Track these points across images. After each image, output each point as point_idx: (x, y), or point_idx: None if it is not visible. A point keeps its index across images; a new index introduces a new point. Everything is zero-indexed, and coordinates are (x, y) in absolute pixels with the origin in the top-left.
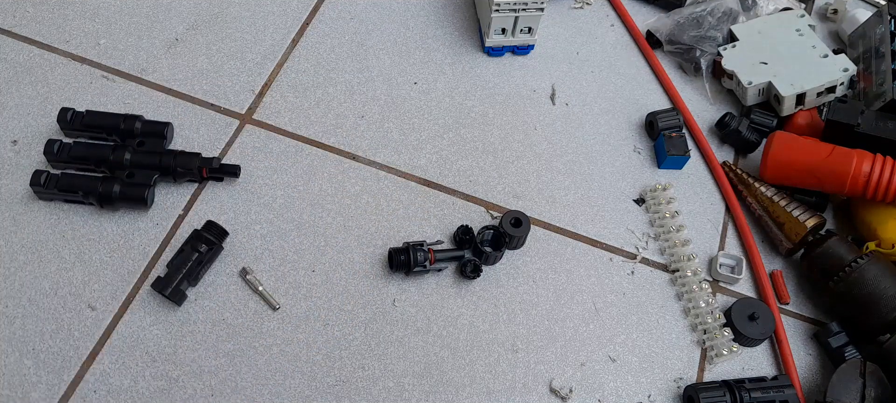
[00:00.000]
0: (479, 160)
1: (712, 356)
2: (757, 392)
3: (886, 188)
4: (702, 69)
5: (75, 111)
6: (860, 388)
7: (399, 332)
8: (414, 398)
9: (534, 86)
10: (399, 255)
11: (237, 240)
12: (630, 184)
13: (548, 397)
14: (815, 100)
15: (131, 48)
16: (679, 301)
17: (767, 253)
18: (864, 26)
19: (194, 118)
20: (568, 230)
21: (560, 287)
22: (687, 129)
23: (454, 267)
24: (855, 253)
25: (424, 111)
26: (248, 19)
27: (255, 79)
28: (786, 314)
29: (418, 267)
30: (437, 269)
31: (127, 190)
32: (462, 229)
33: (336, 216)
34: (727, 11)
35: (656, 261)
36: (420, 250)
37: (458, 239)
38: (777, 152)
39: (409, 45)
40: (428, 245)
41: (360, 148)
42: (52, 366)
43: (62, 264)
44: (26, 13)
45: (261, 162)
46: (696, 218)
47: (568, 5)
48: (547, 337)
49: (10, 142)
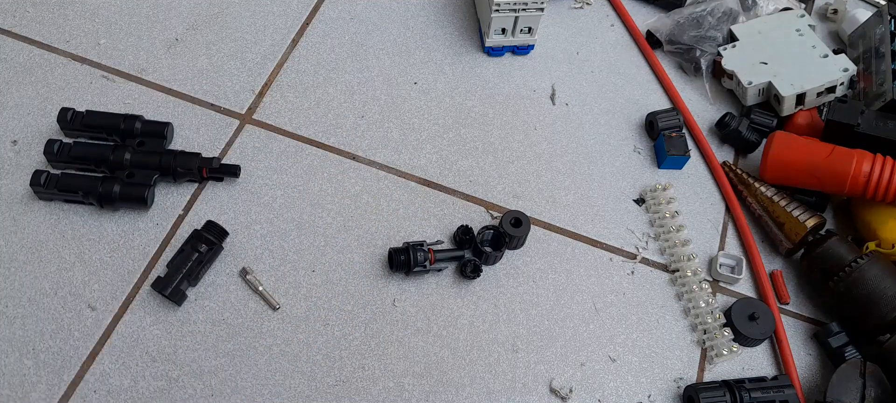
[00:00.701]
0: (479, 160)
1: (712, 356)
2: (757, 392)
3: (886, 188)
4: (702, 69)
5: (75, 111)
6: (860, 388)
7: (399, 332)
8: (414, 398)
9: (534, 86)
10: (399, 255)
11: (237, 240)
12: (630, 184)
13: (548, 397)
14: (815, 100)
15: (131, 48)
16: (679, 301)
17: (767, 253)
18: (864, 26)
19: (194, 118)
20: (568, 230)
21: (560, 287)
22: (687, 129)
23: (454, 267)
24: (855, 253)
25: (424, 111)
26: (248, 19)
27: (255, 79)
28: (786, 314)
29: (418, 267)
30: (437, 269)
31: (127, 190)
32: (462, 229)
33: (336, 216)
34: (727, 11)
35: (656, 261)
36: (420, 250)
37: (458, 239)
38: (777, 152)
39: (409, 45)
40: (428, 245)
41: (360, 148)
42: (52, 366)
43: (62, 264)
44: (26, 13)
45: (261, 162)
46: (696, 218)
47: (568, 5)
48: (547, 337)
49: (10, 142)
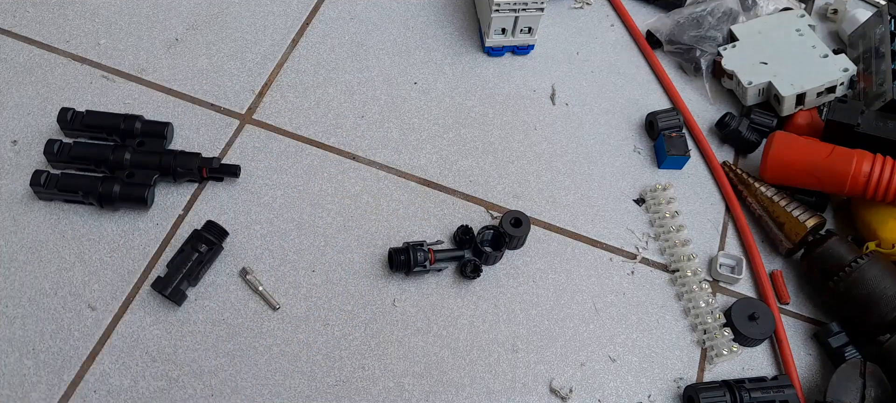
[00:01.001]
0: (479, 160)
1: (712, 356)
2: (757, 392)
3: (886, 188)
4: (702, 69)
5: (75, 111)
6: (860, 388)
7: (399, 332)
8: (414, 398)
9: (534, 86)
10: (399, 255)
11: (237, 240)
12: (630, 184)
13: (548, 397)
14: (815, 100)
15: (131, 48)
16: (679, 301)
17: (767, 253)
18: (864, 26)
19: (194, 118)
20: (568, 230)
21: (560, 287)
22: (687, 129)
23: (454, 267)
24: (855, 253)
25: (424, 111)
26: (248, 19)
27: (255, 79)
28: (786, 314)
29: (418, 267)
30: (437, 269)
31: (127, 190)
32: (462, 229)
33: (336, 216)
34: (727, 11)
35: (656, 261)
36: (420, 250)
37: (458, 239)
38: (777, 152)
39: (409, 45)
40: (428, 245)
41: (360, 148)
42: (52, 366)
43: (62, 264)
44: (26, 13)
45: (261, 162)
46: (696, 218)
47: (568, 5)
48: (547, 337)
49: (10, 142)
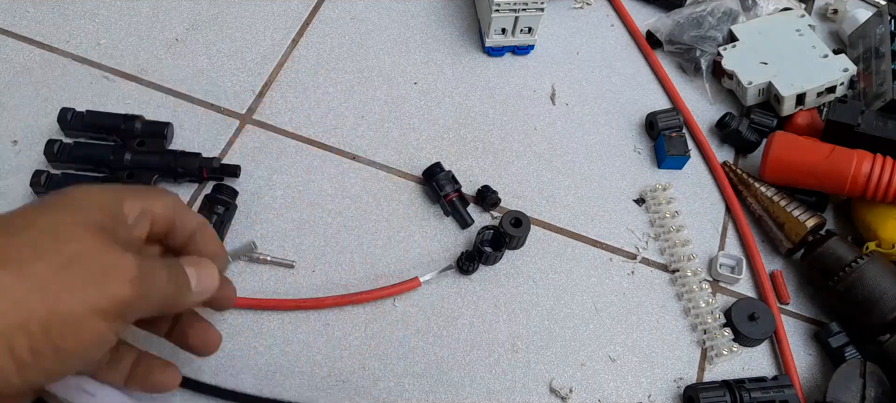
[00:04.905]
0: (479, 160)
1: (712, 356)
2: (757, 392)
3: (886, 188)
4: (702, 69)
5: (75, 111)
6: (860, 388)
7: (399, 332)
8: (414, 398)
9: (534, 87)
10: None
11: (237, 240)
12: (630, 184)
13: (548, 397)
14: (815, 100)
15: (131, 48)
16: (679, 301)
17: (767, 253)
18: (864, 26)
19: (194, 118)
20: (568, 230)
21: (560, 287)
22: (687, 129)
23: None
24: (855, 253)
25: (424, 111)
26: (248, 19)
27: (255, 79)
28: (786, 314)
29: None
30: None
31: None
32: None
33: (336, 216)
34: (727, 11)
35: (656, 261)
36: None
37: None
38: (777, 152)
39: (409, 45)
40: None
41: (360, 148)
42: None
43: None
44: (26, 13)
45: (261, 162)
46: (696, 218)
47: (568, 5)
48: (547, 337)
49: (11, 143)
